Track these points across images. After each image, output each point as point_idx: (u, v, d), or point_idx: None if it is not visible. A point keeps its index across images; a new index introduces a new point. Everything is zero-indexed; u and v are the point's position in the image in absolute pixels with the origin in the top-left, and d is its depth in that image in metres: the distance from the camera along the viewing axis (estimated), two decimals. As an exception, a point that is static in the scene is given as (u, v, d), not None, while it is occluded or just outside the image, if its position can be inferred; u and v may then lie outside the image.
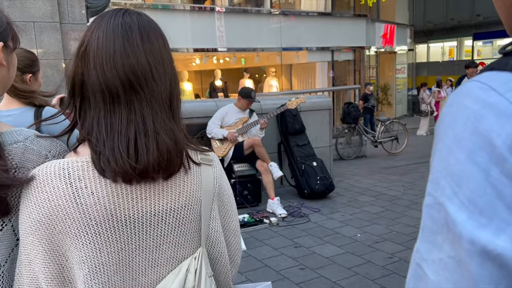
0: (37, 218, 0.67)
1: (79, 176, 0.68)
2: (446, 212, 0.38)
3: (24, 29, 3.02)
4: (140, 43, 0.71)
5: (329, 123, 5.85)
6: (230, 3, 10.07)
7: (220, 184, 0.84)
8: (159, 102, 0.72)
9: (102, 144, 0.69)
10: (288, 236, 3.79)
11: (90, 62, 0.70)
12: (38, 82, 1.77)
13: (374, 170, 6.70)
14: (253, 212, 4.39)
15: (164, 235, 0.74)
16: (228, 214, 0.88)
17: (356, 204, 4.75)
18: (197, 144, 0.82)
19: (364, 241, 3.62)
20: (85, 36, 0.73)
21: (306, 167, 5.00)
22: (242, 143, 4.50)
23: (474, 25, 17.65)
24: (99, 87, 0.69)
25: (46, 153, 0.77)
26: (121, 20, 0.72)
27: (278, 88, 10.78)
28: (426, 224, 0.41)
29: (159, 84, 0.72)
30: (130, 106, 0.70)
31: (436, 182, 0.40)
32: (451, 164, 0.38)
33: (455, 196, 0.37)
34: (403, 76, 16.37)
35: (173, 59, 0.78)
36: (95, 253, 0.68)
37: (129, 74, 0.70)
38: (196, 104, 5.26)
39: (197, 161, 0.80)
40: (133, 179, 0.69)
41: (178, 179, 0.76)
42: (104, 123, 0.69)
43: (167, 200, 0.74)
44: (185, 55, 10.32)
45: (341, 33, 11.68)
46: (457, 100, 0.40)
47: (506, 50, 0.40)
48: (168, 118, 0.73)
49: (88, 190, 0.68)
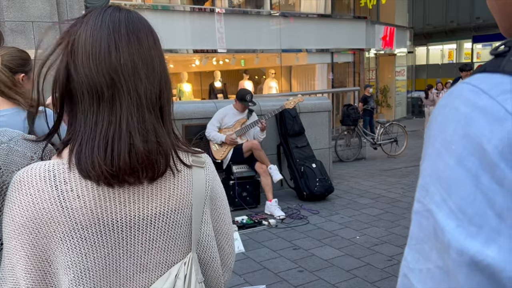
0: (20, 222, 0.64)
1: (65, 178, 0.66)
2: (434, 220, 0.36)
3: (23, 29, 3.01)
4: (125, 41, 0.69)
5: (328, 125, 5.84)
6: (230, 4, 10.07)
7: (213, 187, 0.82)
8: (143, 102, 0.69)
9: (84, 145, 0.67)
10: (287, 238, 3.77)
11: (77, 59, 0.68)
12: (31, 82, 1.75)
13: (374, 172, 6.69)
14: (251, 214, 4.37)
15: (152, 240, 0.72)
16: (221, 218, 0.85)
17: (355, 206, 4.73)
18: (189, 145, 0.80)
19: (363, 244, 3.61)
20: (71, 32, 0.70)
21: (305, 169, 4.99)
22: (241, 145, 4.49)
23: (473, 27, 17.69)
24: (85, 85, 0.67)
25: (31, 155, 0.75)
26: (109, 17, 0.70)
27: (277, 90, 10.77)
28: (414, 232, 0.40)
29: (145, 84, 0.69)
30: (112, 106, 0.68)
31: (425, 188, 0.38)
32: (440, 169, 0.37)
33: (444, 203, 0.35)
34: (402, 78, 16.38)
35: (165, 59, 0.75)
36: (81, 258, 0.66)
37: (111, 72, 0.67)
38: (195, 105, 5.24)
39: (188, 163, 0.77)
40: (111, 183, 0.67)
41: (168, 182, 0.74)
42: (89, 124, 0.67)
43: (156, 203, 0.72)
44: (185, 56, 10.30)
45: (341, 35, 11.68)
46: (448, 103, 0.39)
47: (498, 51, 0.39)
48: (154, 118, 0.71)
49: (74, 193, 0.66)
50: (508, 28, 0.46)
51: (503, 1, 0.44)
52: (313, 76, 11.96)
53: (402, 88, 16.40)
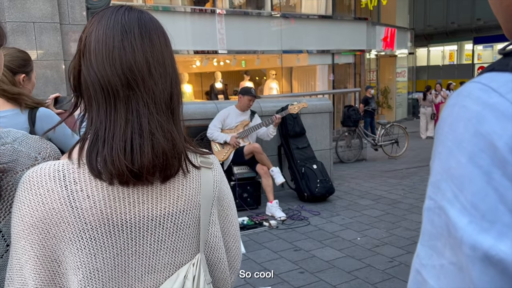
0: (30, 222, 0.64)
1: (75, 178, 0.66)
2: (447, 216, 0.37)
3: (24, 30, 3.01)
4: (139, 40, 0.69)
5: (329, 126, 5.84)
6: (231, 5, 10.07)
7: (220, 188, 0.82)
8: (157, 102, 0.70)
9: (102, 143, 0.67)
10: (288, 239, 3.77)
11: (90, 58, 0.69)
12: (32, 82, 1.75)
13: (374, 173, 6.68)
14: (252, 215, 4.37)
15: (161, 241, 0.72)
16: (228, 219, 0.85)
17: (356, 207, 4.73)
18: (196, 146, 0.80)
19: (364, 245, 3.60)
20: (85, 31, 0.72)
21: (306, 170, 4.98)
22: (243, 148, 4.48)
23: (474, 29, 17.68)
24: (99, 84, 0.68)
25: (35, 155, 0.74)
26: (122, 16, 0.71)
27: (278, 91, 10.77)
28: (426, 228, 0.40)
29: (158, 84, 0.70)
30: (128, 105, 0.68)
31: (437, 185, 0.39)
32: (452, 167, 0.37)
33: (456, 200, 0.36)
34: (403, 79, 16.38)
35: (175, 60, 0.76)
36: (90, 258, 0.66)
37: (126, 71, 0.68)
38: (196, 106, 5.24)
39: (197, 164, 0.77)
40: (129, 181, 0.67)
41: (177, 183, 0.74)
42: (105, 123, 0.68)
43: (165, 204, 0.72)
44: (186, 57, 10.30)
45: (342, 36, 11.68)
46: (457, 101, 0.39)
47: (506, 50, 0.40)
48: (167, 119, 0.71)
49: (84, 193, 0.66)
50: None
51: (507, 3, 0.44)
52: (314, 77, 11.95)
53: (403, 89, 16.40)
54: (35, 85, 1.78)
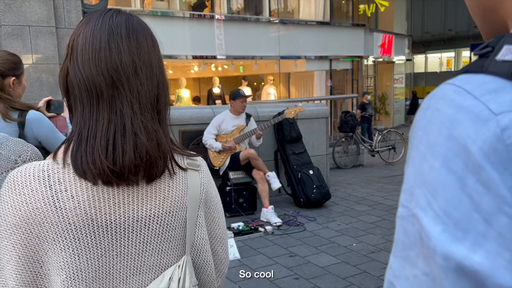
0: (13, 222, 0.64)
1: (59, 178, 0.66)
2: (420, 225, 0.35)
3: (19, 33, 3.00)
4: (126, 42, 0.70)
5: (326, 131, 5.84)
6: (229, 11, 10.11)
7: (207, 191, 0.82)
8: (142, 102, 0.70)
9: (84, 143, 0.67)
10: (283, 245, 3.75)
11: (77, 59, 0.69)
12: (22, 85, 1.74)
13: (371, 179, 6.68)
14: (248, 220, 4.35)
15: (147, 242, 0.72)
16: (215, 222, 0.85)
17: (352, 213, 4.71)
18: (183, 149, 0.80)
19: (360, 251, 3.58)
20: (73, 34, 0.73)
21: (302, 175, 4.97)
22: (239, 153, 4.47)
23: (471, 36, 17.80)
24: (84, 84, 0.68)
25: (15, 158, 0.74)
26: (110, 19, 0.71)
27: (276, 96, 10.79)
28: (399, 238, 0.38)
29: (143, 84, 0.70)
30: (111, 105, 0.68)
31: (410, 192, 0.37)
32: (425, 172, 0.36)
33: (430, 207, 0.34)
34: (400, 86, 16.44)
35: (163, 63, 0.76)
36: (73, 258, 0.66)
37: (111, 71, 0.68)
38: (193, 110, 5.24)
39: (183, 166, 0.77)
40: (112, 181, 0.67)
41: (163, 184, 0.74)
42: (89, 122, 0.68)
43: (150, 205, 0.72)
44: (184, 62, 10.32)
45: (340, 42, 11.73)
46: (431, 104, 0.38)
47: (482, 51, 0.38)
48: (152, 119, 0.71)
49: (68, 194, 0.66)
50: (489, 34, 0.45)
51: (484, 7, 0.43)
52: (312, 83, 11.99)
53: (400, 95, 16.46)
54: (25, 88, 1.77)
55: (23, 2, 2.98)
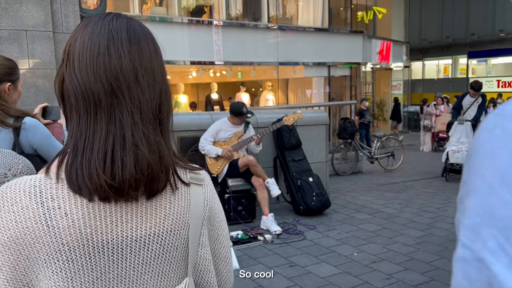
0: (1, 242, 0.59)
1: (52, 195, 0.61)
2: (489, 272, 0.29)
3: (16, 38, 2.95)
4: (126, 47, 0.65)
5: (325, 138, 5.80)
6: (228, 17, 10.10)
7: (211, 207, 0.76)
8: (144, 112, 0.65)
9: (80, 156, 0.62)
10: (283, 255, 3.68)
11: (74, 66, 0.64)
12: (18, 91, 1.69)
13: (371, 186, 6.63)
14: (247, 229, 4.28)
15: (146, 263, 0.66)
16: (219, 240, 0.79)
17: (352, 221, 4.66)
18: (186, 161, 0.74)
19: (361, 261, 3.52)
20: (71, 38, 0.68)
21: (302, 183, 4.92)
22: (237, 160, 4.41)
23: (468, 43, 17.88)
24: (81, 92, 0.63)
25: (5, 172, 0.69)
26: (109, 22, 0.66)
27: (274, 102, 10.76)
28: (461, 284, 0.32)
29: (145, 92, 0.65)
30: (110, 114, 0.63)
31: (474, 230, 0.31)
32: (494, 206, 0.30)
33: (502, 251, 0.29)
34: (398, 92, 16.48)
35: (166, 70, 0.71)
36: (66, 282, 0.60)
37: (110, 78, 0.63)
38: (191, 116, 5.19)
39: (186, 180, 0.72)
40: (110, 197, 0.62)
41: (164, 200, 0.68)
42: (85, 133, 0.63)
43: (150, 223, 0.67)
44: (182, 68, 10.29)
45: (338, 49, 11.74)
46: (499, 124, 0.32)
47: None
48: (154, 130, 0.66)
49: (62, 211, 0.60)
50: None
51: None
52: (310, 89, 11.98)
53: (399, 102, 16.49)
54: (21, 94, 1.71)
55: (20, 7, 2.93)
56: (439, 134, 10.79)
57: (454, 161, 6.65)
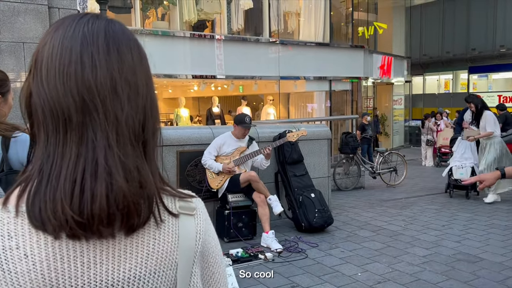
0: None
1: (10, 232, 0.51)
2: None
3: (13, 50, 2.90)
4: (103, 54, 0.55)
5: (327, 153, 5.71)
6: (230, 31, 10.14)
7: (205, 240, 0.64)
8: (121, 131, 0.55)
9: (45, 185, 0.52)
10: (285, 274, 3.55)
11: (41, 76, 0.54)
12: (9, 104, 1.61)
13: (373, 202, 6.51)
14: (247, 247, 4.16)
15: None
16: (214, 279, 0.67)
17: (356, 239, 4.53)
18: (175, 188, 0.64)
19: (365, 281, 3.39)
20: (39, 43, 0.57)
21: (303, 199, 4.81)
22: (238, 176, 4.31)
23: (469, 58, 17.93)
24: (49, 107, 0.53)
25: None
26: (85, 25, 0.56)
27: (275, 116, 10.72)
28: None
29: (124, 108, 0.55)
30: (82, 135, 0.53)
31: None
32: None
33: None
34: (400, 107, 16.45)
35: (153, 81, 0.61)
36: None
37: (82, 91, 0.53)
38: (191, 131, 5.10)
39: (174, 211, 0.61)
40: (78, 235, 0.52)
41: (147, 236, 0.58)
42: (53, 157, 0.53)
43: (130, 264, 0.56)
44: (183, 82, 10.28)
45: (339, 63, 11.76)
46: None
47: None
48: (134, 153, 0.56)
49: (21, 252, 0.51)
50: None
51: None
52: (311, 103, 11.96)
53: (400, 116, 16.45)
54: (12, 107, 1.64)
55: (17, 18, 2.89)
56: (441, 149, 10.71)
57: (458, 177, 6.54)
